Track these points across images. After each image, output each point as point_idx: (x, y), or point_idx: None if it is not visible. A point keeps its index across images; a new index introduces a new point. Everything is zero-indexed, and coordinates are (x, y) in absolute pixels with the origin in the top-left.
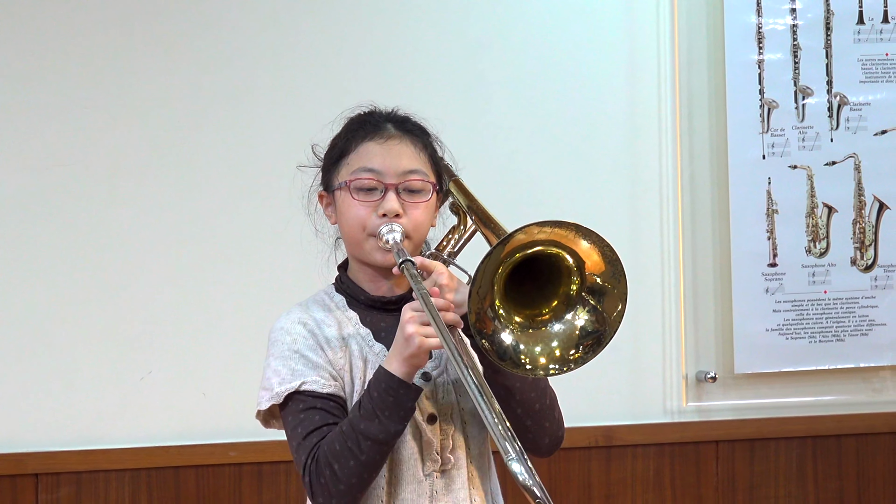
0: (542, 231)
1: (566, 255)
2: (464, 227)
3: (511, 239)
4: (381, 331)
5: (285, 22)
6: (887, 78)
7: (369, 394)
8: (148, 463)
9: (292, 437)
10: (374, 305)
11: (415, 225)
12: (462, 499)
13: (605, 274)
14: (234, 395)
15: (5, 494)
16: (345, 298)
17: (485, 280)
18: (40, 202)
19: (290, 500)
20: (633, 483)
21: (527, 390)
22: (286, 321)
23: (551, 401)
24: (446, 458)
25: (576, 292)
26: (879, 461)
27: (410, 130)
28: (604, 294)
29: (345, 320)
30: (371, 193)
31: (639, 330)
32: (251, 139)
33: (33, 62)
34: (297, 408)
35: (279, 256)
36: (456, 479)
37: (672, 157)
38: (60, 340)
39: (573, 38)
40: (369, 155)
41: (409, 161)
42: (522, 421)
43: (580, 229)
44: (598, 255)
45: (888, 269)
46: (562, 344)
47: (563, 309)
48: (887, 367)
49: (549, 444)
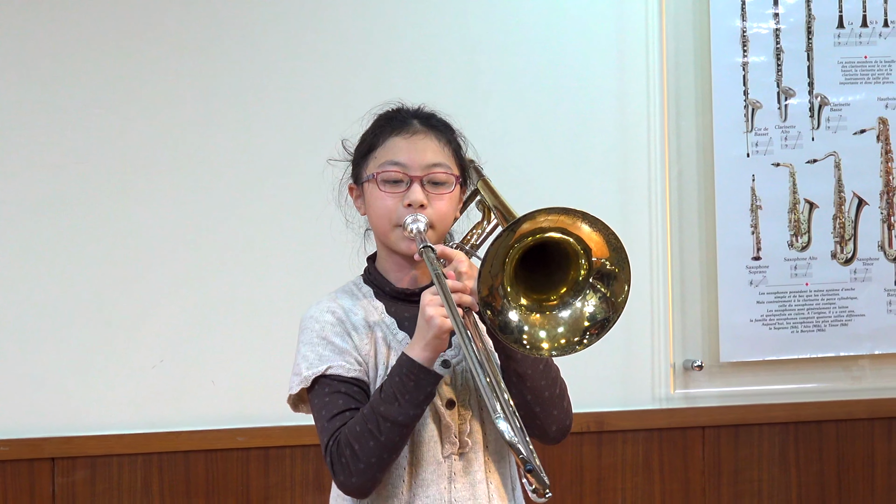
0: (549, 218)
1: (573, 241)
2: (487, 222)
3: (520, 224)
4: (405, 320)
5: (291, 27)
6: (866, 79)
7: (391, 378)
8: (159, 447)
9: (317, 419)
10: (398, 297)
11: (439, 215)
12: (479, 480)
13: (611, 259)
14: (242, 384)
15: (23, 478)
16: (372, 289)
17: (496, 261)
18: (59, 198)
19: (295, 482)
20: (624, 467)
21: (538, 377)
22: (316, 310)
23: (561, 390)
24: (464, 441)
25: (584, 277)
26: (858, 446)
27: (435, 126)
28: (612, 278)
29: (371, 309)
30: (397, 185)
31: (629, 320)
32: (260, 137)
33: (52, 66)
34: (323, 391)
35: (282, 254)
36: (473, 461)
37: (660, 155)
38: (77, 331)
39: (566, 42)
40: (396, 149)
41: (434, 155)
42: (531, 407)
43: (586, 216)
44: (604, 241)
45: (867, 262)
46: (568, 329)
47: (571, 294)
48: (866, 356)
49: (557, 432)
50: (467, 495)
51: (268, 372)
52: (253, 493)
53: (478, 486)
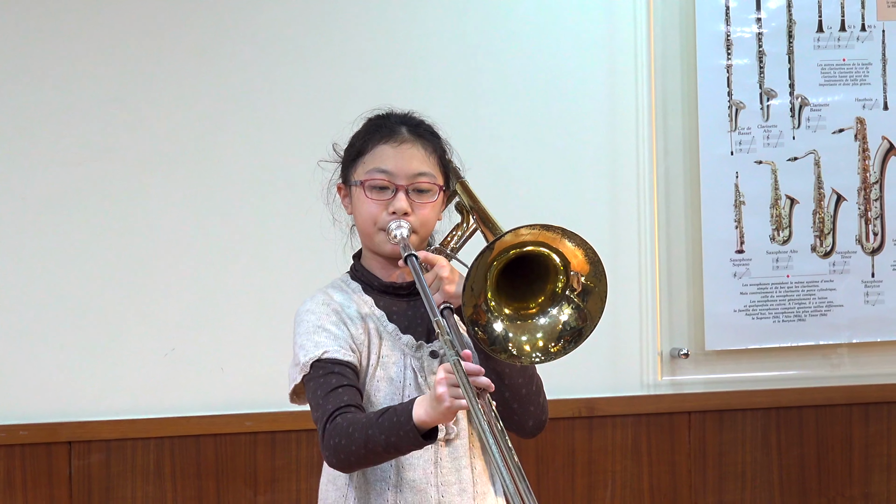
0: (531, 233)
1: (553, 255)
2: (466, 224)
3: (501, 240)
4: (394, 313)
5: (295, 33)
6: (844, 81)
7: (391, 411)
8: (171, 432)
9: (312, 398)
10: (386, 291)
11: (422, 222)
12: (464, 466)
13: (588, 274)
14: (250, 371)
15: (41, 460)
16: (360, 285)
17: (478, 276)
18: (77, 193)
19: (300, 465)
20: (613, 450)
21: (515, 376)
22: (311, 304)
23: (537, 387)
24: (450, 428)
25: (561, 290)
26: (837, 430)
27: (422, 135)
28: (587, 293)
29: (361, 303)
30: (383, 192)
31: (618, 311)
32: (269, 136)
33: (69, 67)
34: (318, 373)
35: (288, 247)
36: (459, 448)
37: (648, 153)
38: (92, 321)
39: (558, 47)
40: (383, 157)
41: (420, 164)
42: (510, 403)
43: (566, 232)
44: (582, 255)
45: (845, 255)
46: (545, 336)
47: (549, 304)
48: (844, 345)
49: (533, 427)
50: (452, 479)
51: (274, 360)
52: (260, 475)
53: (462, 471)
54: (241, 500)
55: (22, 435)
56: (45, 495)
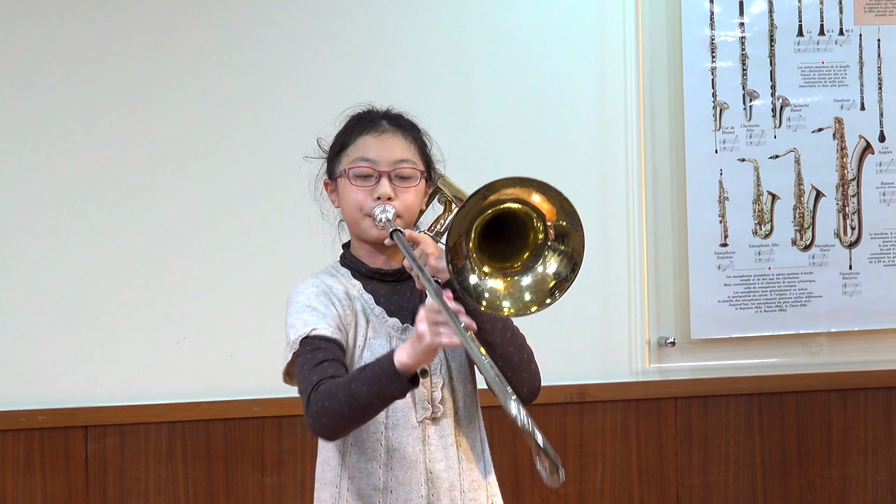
0: (509, 188)
1: (530, 210)
2: (449, 212)
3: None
4: (381, 297)
5: (298, 36)
6: (823, 83)
7: (373, 364)
8: (182, 416)
9: (299, 372)
10: (373, 276)
11: (405, 206)
12: (449, 444)
13: (566, 223)
14: (257, 358)
15: (58, 444)
16: (349, 271)
17: (464, 224)
18: (91, 190)
19: (305, 448)
20: (603, 434)
21: (507, 345)
22: (301, 286)
23: (528, 356)
24: (436, 407)
25: (542, 239)
26: (816, 415)
27: (402, 126)
28: (567, 235)
29: (350, 286)
30: (367, 180)
31: (608, 301)
32: (276, 134)
33: (83, 69)
34: (305, 349)
35: (294, 238)
36: (445, 426)
37: (636, 152)
38: (108, 310)
39: (550, 49)
40: (366, 146)
41: (401, 151)
42: (504, 371)
43: (541, 185)
44: (558, 207)
45: (824, 248)
46: (533, 291)
47: (534, 259)
48: (823, 334)
49: (528, 393)
50: (440, 456)
51: (280, 348)
52: (267, 457)
53: (449, 448)
54: (249, 481)
55: (41, 419)
56: (63, 477)
